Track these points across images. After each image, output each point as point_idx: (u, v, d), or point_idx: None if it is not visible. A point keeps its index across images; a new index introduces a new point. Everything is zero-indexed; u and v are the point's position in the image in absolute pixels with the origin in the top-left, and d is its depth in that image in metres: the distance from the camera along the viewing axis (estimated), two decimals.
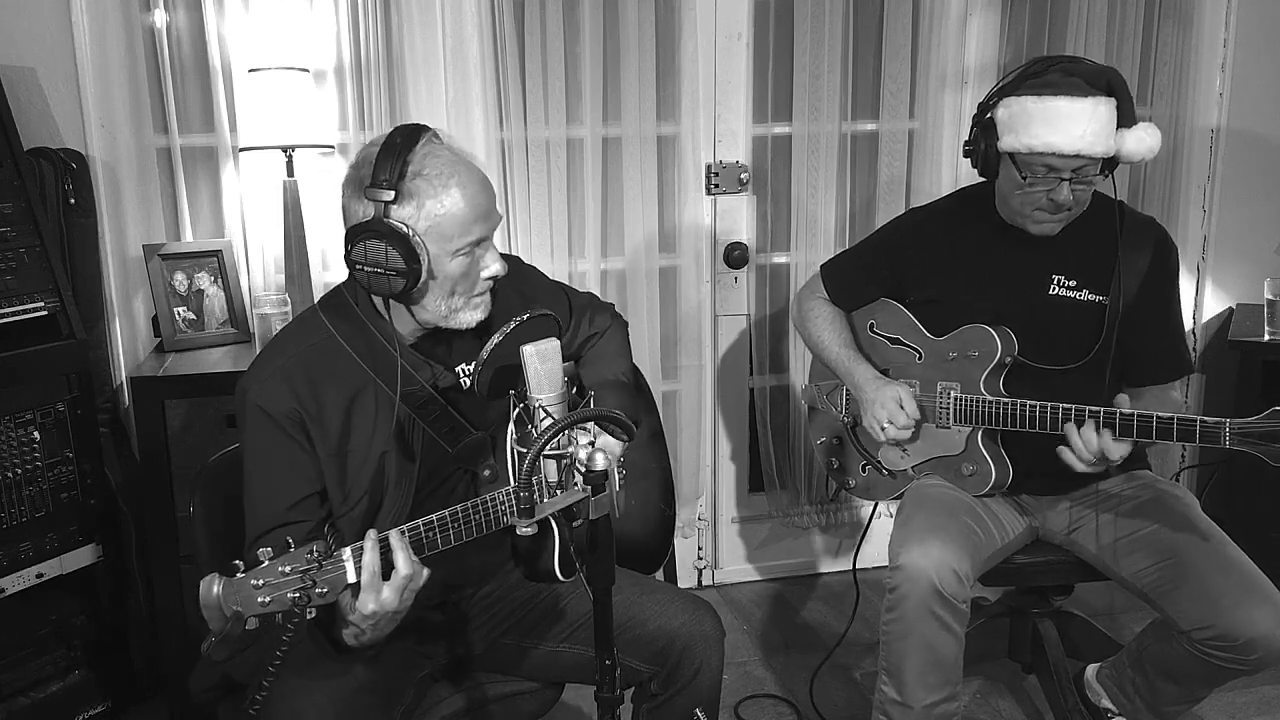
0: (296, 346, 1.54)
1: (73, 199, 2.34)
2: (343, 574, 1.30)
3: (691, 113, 2.73)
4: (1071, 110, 1.81)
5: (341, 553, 1.30)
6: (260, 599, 1.23)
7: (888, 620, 1.91)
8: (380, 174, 1.43)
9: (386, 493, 1.55)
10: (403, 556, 1.35)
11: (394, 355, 1.52)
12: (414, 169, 1.44)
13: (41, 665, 2.21)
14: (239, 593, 1.23)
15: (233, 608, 1.22)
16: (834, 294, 2.25)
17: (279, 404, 1.48)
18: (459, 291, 1.51)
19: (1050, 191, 1.87)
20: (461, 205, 1.46)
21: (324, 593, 1.27)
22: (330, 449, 1.51)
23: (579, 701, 2.38)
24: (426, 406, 1.56)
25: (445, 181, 1.45)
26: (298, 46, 2.46)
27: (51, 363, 2.15)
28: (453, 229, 1.46)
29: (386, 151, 1.44)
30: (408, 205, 1.44)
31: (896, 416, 2.03)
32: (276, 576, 1.24)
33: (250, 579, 1.23)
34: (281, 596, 1.24)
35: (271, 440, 1.49)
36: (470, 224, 1.47)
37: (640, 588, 1.70)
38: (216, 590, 1.23)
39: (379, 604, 1.33)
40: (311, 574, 1.26)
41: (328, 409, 1.50)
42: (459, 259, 1.48)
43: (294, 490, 1.50)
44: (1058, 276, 2.00)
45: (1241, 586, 1.77)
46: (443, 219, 1.45)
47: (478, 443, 1.57)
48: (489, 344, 1.49)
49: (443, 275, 1.49)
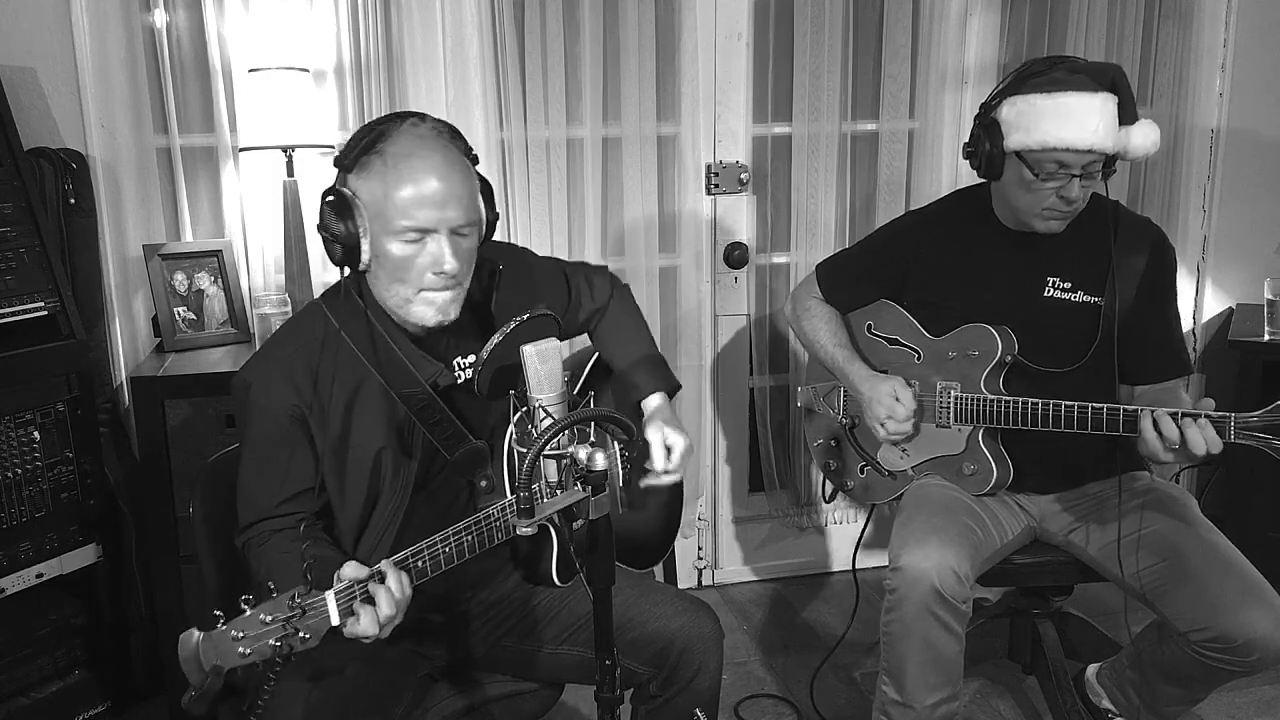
0: (299, 340, 1.54)
1: (73, 199, 2.34)
2: (325, 618, 1.26)
3: (691, 113, 2.74)
4: (1083, 105, 1.82)
5: (324, 595, 1.26)
6: (241, 650, 1.20)
7: (887, 621, 1.91)
8: (351, 145, 1.47)
9: (383, 490, 1.54)
10: (384, 597, 1.30)
11: (394, 350, 1.52)
12: (380, 145, 1.45)
13: (41, 665, 2.21)
14: (218, 647, 1.20)
15: (212, 663, 1.20)
16: (829, 294, 2.25)
17: (280, 398, 1.48)
18: (407, 281, 1.48)
19: (1061, 188, 1.87)
20: (407, 186, 1.43)
21: (306, 638, 1.24)
22: (330, 443, 1.51)
23: (579, 702, 2.38)
24: (426, 410, 1.55)
25: (398, 161, 1.43)
26: (298, 46, 2.46)
27: (51, 363, 2.15)
28: (392, 208, 1.44)
29: (368, 127, 1.48)
30: (359, 176, 1.46)
31: (895, 410, 2.03)
32: (257, 627, 1.21)
33: (230, 631, 1.20)
34: (262, 647, 1.21)
35: (270, 434, 1.50)
36: (411, 208, 1.43)
37: (639, 589, 1.70)
38: (195, 642, 1.20)
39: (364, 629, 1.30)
40: (293, 621, 1.22)
41: (329, 403, 1.50)
42: (399, 243, 1.45)
43: (289, 484, 1.50)
44: (1053, 279, 2.01)
45: (1240, 588, 1.77)
46: (385, 195, 1.44)
47: (476, 452, 1.57)
48: (489, 344, 1.49)
49: (384, 256, 1.47)
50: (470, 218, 1.48)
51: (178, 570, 2.24)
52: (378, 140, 1.45)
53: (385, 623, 1.29)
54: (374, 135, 1.46)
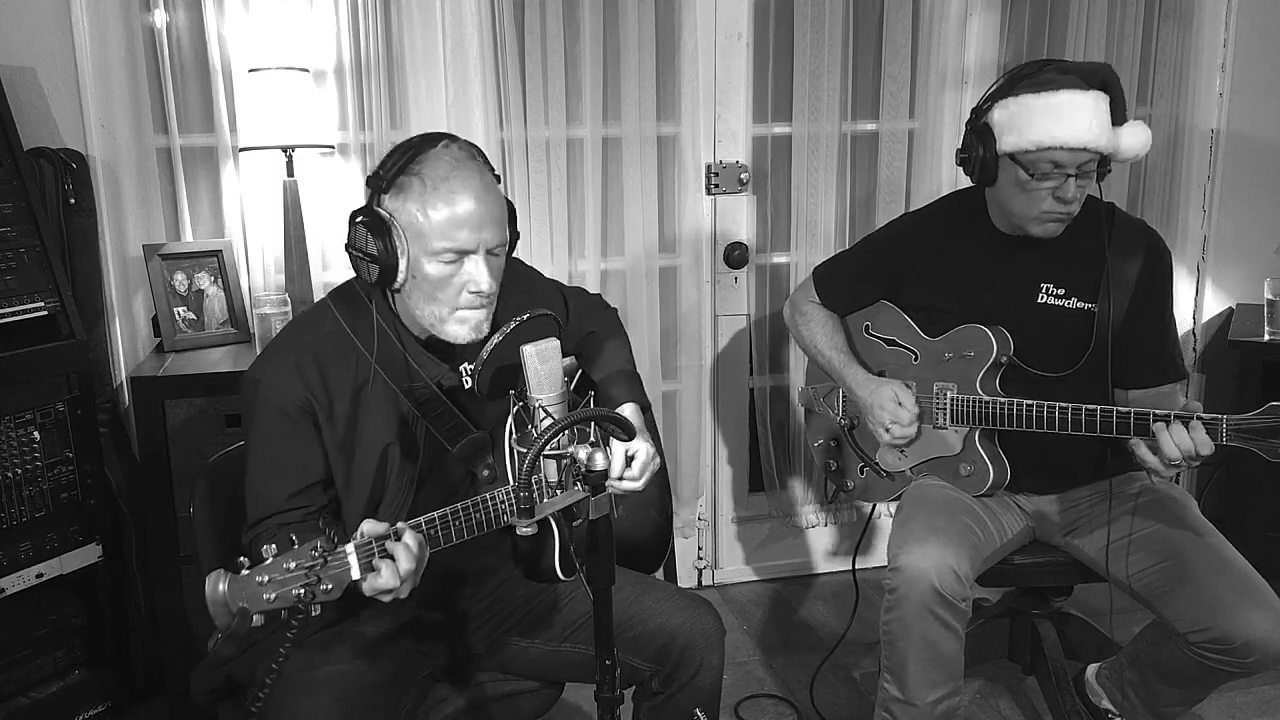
0: (307, 336, 1.55)
1: (73, 199, 2.34)
2: (347, 570, 1.29)
3: (691, 113, 2.74)
4: (1075, 102, 1.82)
5: (345, 548, 1.29)
6: (266, 595, 1.22)
7: (887, 621, 1.91)
8: (385, 165, 1.48)
9: (388, 486, 1.55)
10: (403, 551, 1.32)
11: (400, 350, 1.53)
12: (415, 167, 1.47)
13: (41, 665, 2.21)
14: (245, 589, 1.22)
15: (239, 604, 1.22)
16: (826, 298, 2.25)
17: (290, 394, 1.50)
18: (441, 300, 1.50)
19: (1056, 189, 1.87)
20: (446, 208, 1.45)
21: (329, 589, 1.26)
22: (338, 439, 1.52)
23: (579, 701, 2.38)
24: (430, 404, 1.56)
25: (437, 184, 1.45)
26: (298, 46, 2.46)
27: (51, 363, 2.15)
28: (431, 230, 1.45)
29: (402, 149, 1.49)
30: (396, 198, 1.47)
31: (899, 415, 2.03)
32: (281, 573, 1.23)
33: (255, 575, 1.22)
34: (286, 593, 1.23)
35: (280, 429, 1.50)
36: (450, 229, 1.45)
37: (640, 586, 1.70)
38: (222, 587, 1.22)
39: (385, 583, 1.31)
40: (316, 570, 1.25)
41: (337, 399, 1.52)
42: (437, 264, 1.47)
43: (298, 478, 1.51)
44: (1046, 285, 2.00)
45: (1238, 589, 1.77)
46: (424, 218, 1.45)
47: (478, 441, 1.57)
48: (489, 344, 1.50)
49: (421, 277, 1.49)
50: (503, 238, 1.52)
51: (178, 570, 2.24)
52: (411, 162, 1.47)
53: (406, 577, 1.31)
54: (408, 157, 1.47)
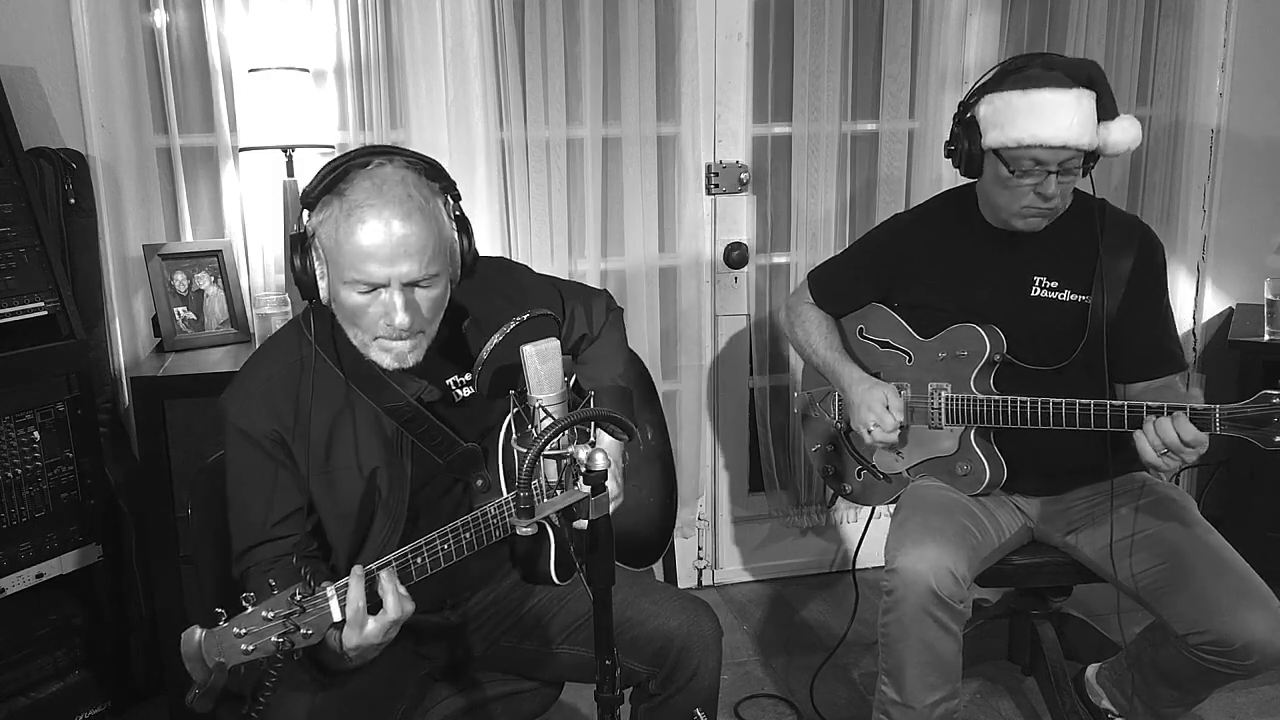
0: (277, 362, 1.53)
1: (73, 199, 2.34)
2: (327, 613, 1.27)
3: (691, 113, 2.73)
4: (1056, 101, 1.83)
5: (325, 589, 1.27)
6: (243, 647, 1.20)
7: (885, 623, 1.91)
8: (314, 179, 1.42)
9: (378, 509, 1.54)
10: (392, 599, 1.32)
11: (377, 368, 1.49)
12: (341, 186, 1.40)
13: (41, 665, 2.21)
14: (221, 643, 1.21)
15: (215, 659, 1.20)
16: (821, 300, 2.25)
17: (259, 424, 1.48)
18: (362, 326, 1.44)
19: (1038, 185, 1.88)
20: (356, 239, 1.37)
21: (309, 634, 1.25)
22: (316, 466, 1.50)
23: (578, 701, 2.38)
24: (414, 421, 1.53)
25: (350, 210, 1.37)
26: (298, 46, 2.46)
27: (51, 363, 2.15)
28: (342, 258, 1.39)
29: (332, 164, 1.42)
30: (318, 215, 1.42)
31: (884, 419, 2.03)
32: (259, 624, 1.21)
33: (232, 628, 1.20)
34: (265, 644, 1.21)
35: (253, 459, 1.49)
36: (358, 261, 1.38)
37: (638, 588, 1.70)
38: (198, 640, 1.21)
39: (362, 639, 1.31)
40: (294, 618, 1.23)
41: (310, 426, 1.49)
42: (349, 292, 1.41)
43: (278, 507, 1.49)
44: (1039, 278, 2.01)
45: (1238, 591, 1.77)
46: (336, 244, 1.39)
47: (469, 454, 1.57)
48: (489, 344, 1.49)
49: (338, 302, 1.44)
50: (430, 269, 1.41)
51: (178, 570, 2.24)
52: (338, 181, 1.40)
53: (389, 625, 1.31)
54: (336, 175, 1.40)
